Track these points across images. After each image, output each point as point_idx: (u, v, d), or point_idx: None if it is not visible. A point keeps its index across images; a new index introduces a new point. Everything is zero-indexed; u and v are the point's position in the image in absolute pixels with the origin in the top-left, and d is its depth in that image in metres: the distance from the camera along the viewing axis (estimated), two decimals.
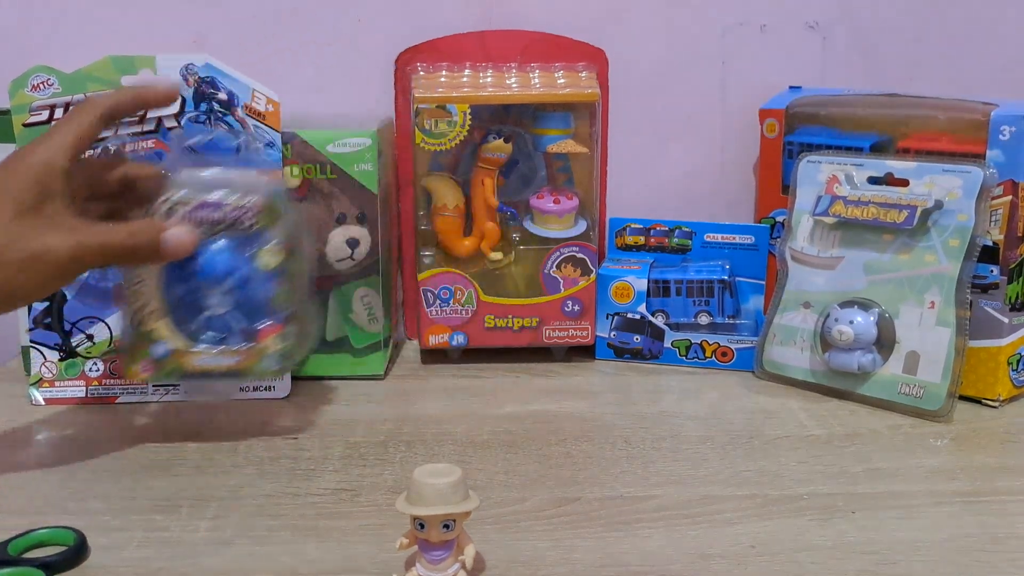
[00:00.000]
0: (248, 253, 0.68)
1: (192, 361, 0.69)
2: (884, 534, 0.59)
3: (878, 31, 0.98)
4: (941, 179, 0.77)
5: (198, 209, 0.67)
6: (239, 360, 0.69)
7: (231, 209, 0.67)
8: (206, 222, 0.67)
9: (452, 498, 0.51)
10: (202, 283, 0.68)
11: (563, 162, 0.89)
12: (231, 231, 0.68)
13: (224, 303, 0.68)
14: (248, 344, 0.69)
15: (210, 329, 0.69)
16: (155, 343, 0.68)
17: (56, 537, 0.58)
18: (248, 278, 0.68)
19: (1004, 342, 0.78)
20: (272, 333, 0.69)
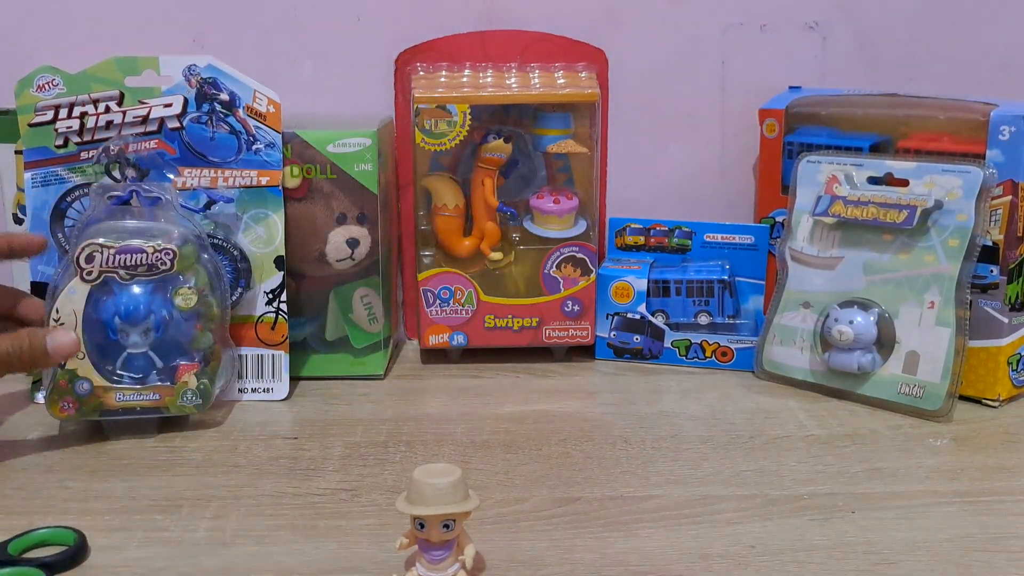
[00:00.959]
0: (166, 295, 0.73)
1: (113, 398, 0.72)
2: (884, 534, 0.60)
3: (878, 31, 0.98)
4: (941, 179, 0.77)
5: (118, 253, 0.71)
6: (159, 397, 0.72)
7: (150, 253, 0.72)
8: (125, 266, 0.71)
9: (452, 498, 0.51)
10: (122, 323, 0.72)
11: (563, 162, 0.89)
12: (149, 275, 0.72)
13: (143, 343, 0.73)
14: (166, 382, 0.73)
15: (130, 368, 0.73)
16: (77, 381, 0.71)
17: (56, 537, 0.58)
18: (165, 319, 0.73)
19: (1004, 342, 0.78)
20: (189, 371, 0.73)
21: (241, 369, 0.81)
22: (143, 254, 0.71)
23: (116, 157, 0.79)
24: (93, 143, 0.79)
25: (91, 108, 0.78)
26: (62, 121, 0.78)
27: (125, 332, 0.72)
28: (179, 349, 0.73)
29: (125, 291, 0.72)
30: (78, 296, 0.71)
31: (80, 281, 0.71)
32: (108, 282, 0.72)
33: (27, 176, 0.79)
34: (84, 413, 0.72)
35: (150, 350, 0.73)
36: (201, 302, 0.73)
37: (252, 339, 0.81)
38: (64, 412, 0.72)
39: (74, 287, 0.71)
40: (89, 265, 0.71)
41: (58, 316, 0.71)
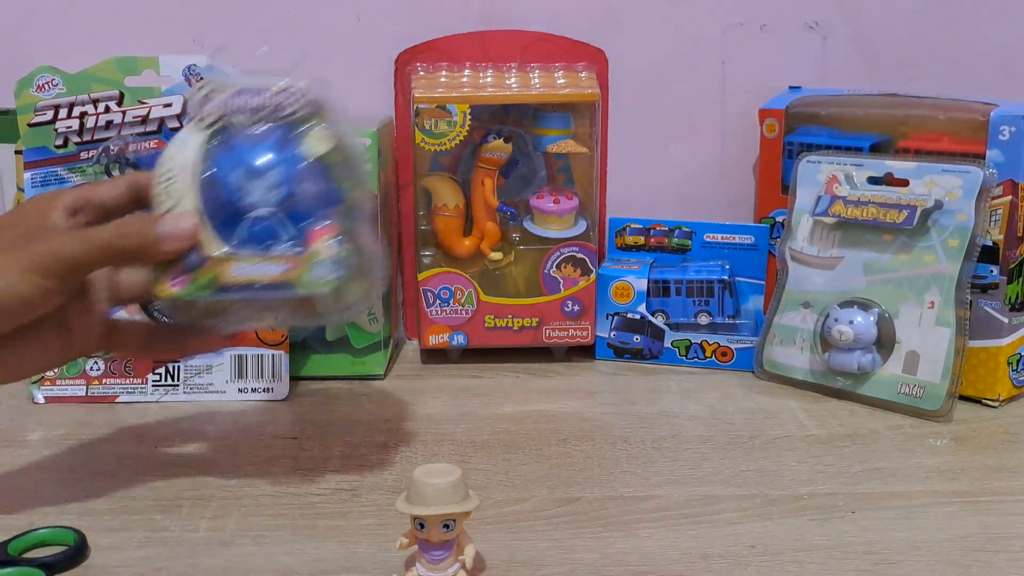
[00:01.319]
0: (293, 141, 0.59)
1: (230, 271, 0.58)
2: (884, 534, 0.60)
3: (878, 31, 0.98)
4: (941, 179, 0.77)
5: (236, 96, 0.59)
6: (286, 268, 0.57)
7: (274, 94, 0.59)
8: (245, 110, 0.59)
9: (452, 498, 0.51)
10: (243, 177, 0.58)
11: (563, 162, 0.89)
12: (273, 118, 0.59)
13: (267, 201, 0.58)
14: (296, 249, 0.58)
15: (251, 235, 0.58)
16: (188, 250, 0.58)
17: (56, 537, 0.58)
18: (294, 170, 0.58)
19: (1004, 342, 0.78)
20: (324, 235, 0.58)
21: (241, 369, 0.81)
22: (267, 94, 0.59)
23: (116, 157, 0.79)
24: (93, 143, 0.79)
25: (91, 108, 0.78)
26: (62, 121, 0.78)
27: (246, 188, 0.58)
28: (311, 208, 0.59)
29: (246, 139, 0.59)
30: (191, 146, 0.59)
31: (194, 127, 0.59)
32: (226, 129, 0.59)
33: (27, 176, 0.79)
34: (196, 288, 0.57)
35: (275, 213, 0.58)
36: (337, 150, 0.59)
37: (252, 339, 0.81)
38: (172, 288, 0.58)
39: (187, 135, 0.59)
40: (205, 108, 0.59)
41: (167, 172, 0.58)
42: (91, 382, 0.80)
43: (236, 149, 0.59)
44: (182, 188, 0.58)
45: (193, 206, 0.58)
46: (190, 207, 0.58)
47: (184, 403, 0.80)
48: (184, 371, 0.80)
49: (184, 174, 0.58)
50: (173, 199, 0.58)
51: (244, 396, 0.81)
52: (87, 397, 0.80)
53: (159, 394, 0.81)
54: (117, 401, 0.80)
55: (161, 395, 0.81)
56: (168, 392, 0.81)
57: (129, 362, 0.80)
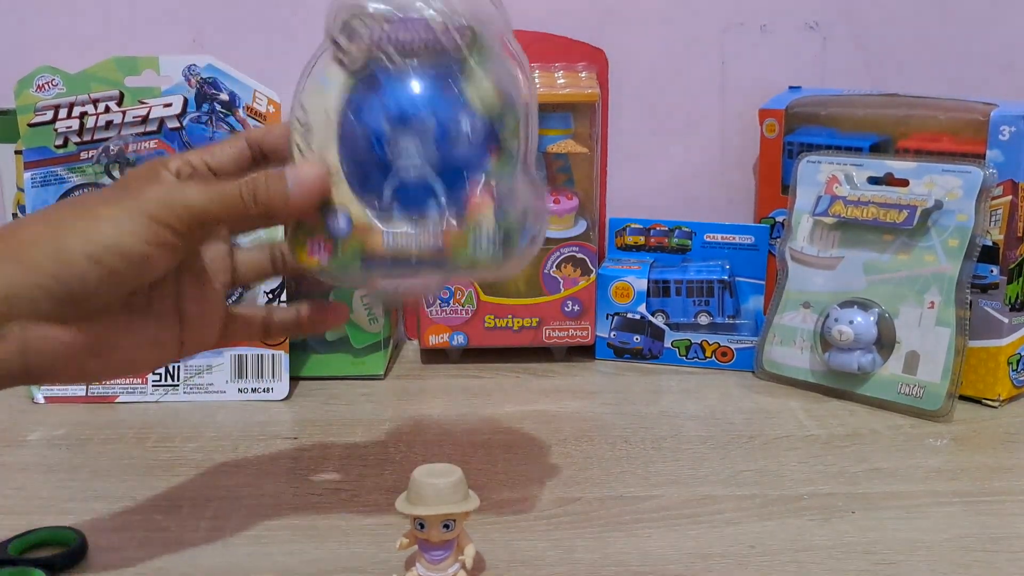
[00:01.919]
0: (453, 84, 0.50)
1: (379, 240, 0.50)
2: (884, 534, 0.60)
3: (878, 31, 0.98)
4: (941, 179, 0.77)
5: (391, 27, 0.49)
6: (442, 241, 0.50)
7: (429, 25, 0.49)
8: (401, 45, 0.49)
9: (452, 498, 0.51)
10: (393, 128, 0.49)
11: (563, 162, 0.89)
12: (431, 59, 0.49)
13: (420, 158, 0.49)
14: (453, 218, 0.50)
15: (402, 197, 0.50)
16: (331, 214, 0.50)
17: (56, 537, 0.58)
18: (453, 120, 0.49)
19: (1004, 342, 0.78)
20: (485, 204, 0.50)
21: (241, 369, 0.81)
22: (427, 29, 0.49)
23: (116, 157, 0.79)
24: (93, 143, 0.79)
25: (91, 108, 0.78)
26: (62, 121, 0.78)
27: (396, 142, 0.49)
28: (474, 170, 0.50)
29: (397, 83, 0.49)
30: (332, 89, 0.50)
31: (337, 68, 0.50)
32: (375, 72, 0.50)
33: (27, 176, 0.79)
34: (341, 261, 0.50)
35: (429, 173, 0.49)
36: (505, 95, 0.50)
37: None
38: (314, 256, 0.50)
39: (327, 76, 0.50)
40: (350, 43, 0.50)
41: (305, 120, 0.50)
42: None
43: (386, 94, 0.49)
44: (321, 139, 0.50)
45: (335, 160, 0.50)
46: (331, 161, 0.50)
47: (184, 403, 0.80)
48: (184, 371, 0.80)
49: (323, 123, 0.50)
50: (312, 154, 0.50)
51: (244, 396, 0.81)
52: (87, 397, 0.80)
53: (159, 394, 0.81)
54: (117, 401, 0.80)
55: (161, 395, 0.81)
56: (168, 392, 0.81)
57: None
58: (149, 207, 0.48)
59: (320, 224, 0.50)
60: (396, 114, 0.49)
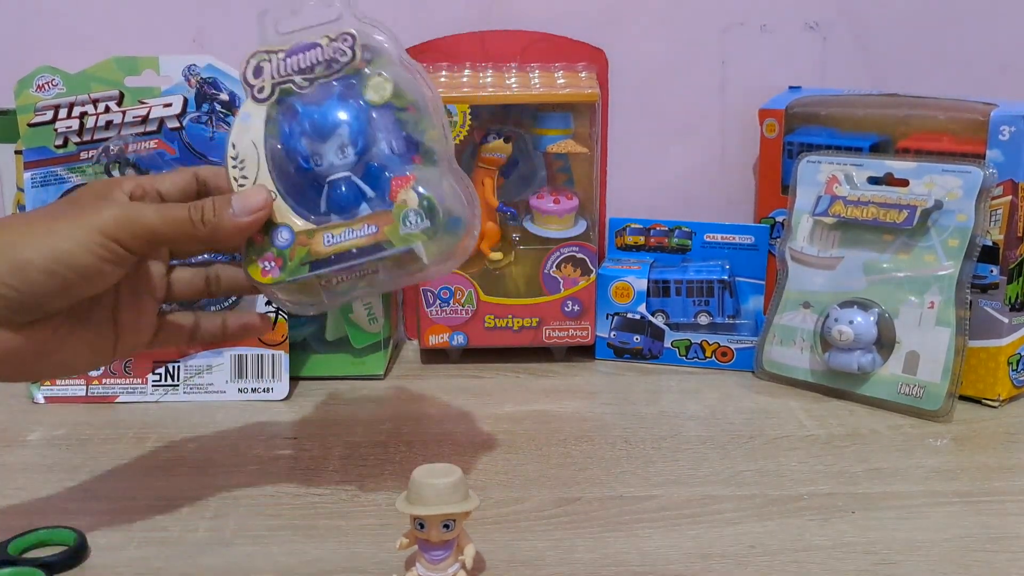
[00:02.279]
0: (355, 92, 0.56)
1: (321, 242, 0.55)
2: (884, 534, 0.60)
3: (878, 31, 0.98)
4: (941, 179, 0.77)
5: (289, 56, 0.56)
6: (375, 229, 0.55)
7: (324, 47, 0.56)
8: (300, 69, 0.56)
9: (452, 498, 0.51)
10: (312, 142, 0.56)
11: (563, 162, 0.89)
12: (328, 74, 0.56)
13: (342, 163, 0.56)
14: (381, 205, 0.55)
15: (334, 202, 0.56)
16: (274, 231, 0.56)
17: (56, 537, 0.58)
18: (362, 124, 0.56)
19: (1004, 342, 0.78)
20: (404, 184, 0.55)
21: (241, 369, 0.81)
22: (318, 49, 0.56)
23: (116, 157, 0.79)
24: (93, 143, 0.79)
25: (91, 108, 0.78)
26: (62, 121, 0.78)
27: (318, 154, 0.56)
28: (390, 164, 0.56)
29: (306, 102, 0.56)
30: (254, 122, 0.56)
31: (252, 102, 0.57)
32: (285, 99, 0.57)
33: (27, 176, 0.79)
34: (292, 270, 0.55)
35: (353, 175, 0.56)
36: (398, 94, 0.56)
37: (252, 339, 0.81)
38: (268, 274, 0.56)
39: (247, 112, 0.57)
40: (258, 79, 0.56)
41: (236, 154, 0.56)
42: (91, 382, 0.80)
43: (299, 115, 0.56)
44: (253, 168, 0.56)
45: (269, 184, 0.55)
46: (267, 184, 0.56)
47: (184, 403, 0.80)
48: (184, 371, 0.80)
49: (252, 153, 0.56)
50: (248, 181, 0.56)
51: (244, 396, 0.81)
52: (87, 397, 0.80)
53: (159, 394, 0.81)
54: (117, 401, 0.80)
55: (161, 395, 0.81)
56: (168, 392, 0.81)
57: (129, 362, 0.80)
58: (105, 224, 0.52)
59: (267, 243, 0.56)
60: (309, 130, 0.56)
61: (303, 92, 0.56)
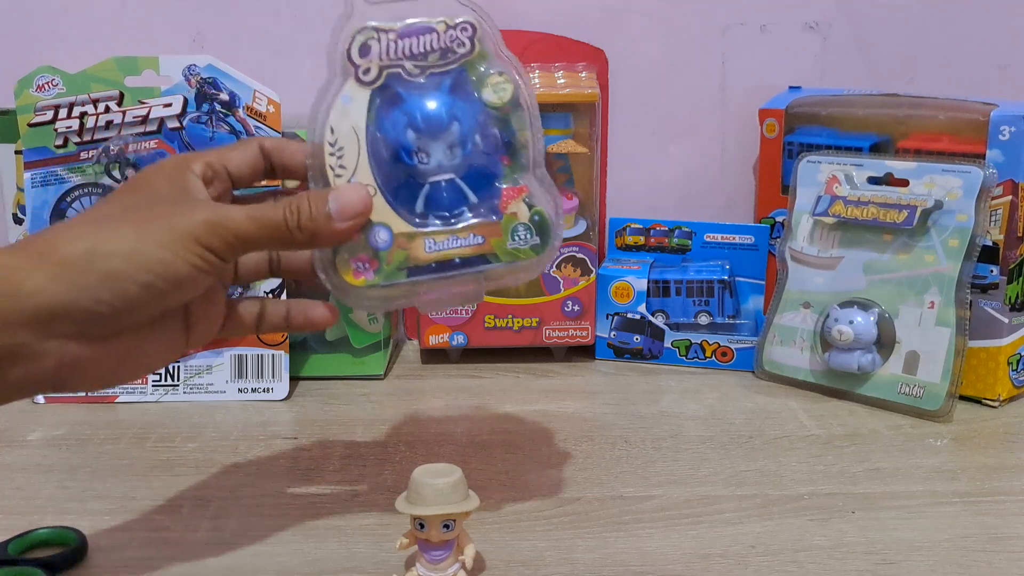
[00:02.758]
0: (471, 88, 0.52)
1: (421, 248, 0.51)
2: (884, 534, 0.60)
3: (878, 31, 0.98)
4: (941, 179, 0.77)
5: (401, 37, 0.51)
6: (481, 240, 0.52)
7: (441, 33, 0.51)
8: (413, 54, 0.51)
9: (452, 498, 0.51)
10: (419, 137, 0.52)
11: (563, 162, 0.89)
12: (442, 64, 0.52)
13: (448, 163, 0.52)
14: (488, 217, 0.52)
15: (437, 204, 0.52)
16: (371, 230, 0.51)
17: (57, 537, 0.58)
18: (475, 123, 0.52)
19: (1004, 342, 0.78)
20: (516, 196, 0.52)
21: (241, 369, 0.81)
22: (433, 34, 0.51)
23: (116, 157, 0.79)
24: (93, 143, 0.79)
25: (91, 108, 0.78)
26: (62, 121, 0.78)
27: (424, 151, 0.51)
28: (498, 168, 0.53)
29: (416, 92, 0.52)
30: (356, 106, 0.51)
31: (356, 84, 0.51)
32: (391, 84, 0.52)
33: (27, 176, 0.79)
34: (389, 273, 0.51)
35: (457, 177, 0.52)
36: (520, 94, 0.52)
37: (252, 339, 0.81)
38: (360, 276, 0.51)
39: (348, 94, 0.51)
40: (365, 59, 0.51)
41: (335, 140, 0.51)
42: None
43: (407, 105, 0.52)
44: (353, 158, 0.51)
45: (368, 177, 0.51)
46: (365, 179, 0.51)
47: (184, 403, 0.80)
48: (184, 371, 0.80)
49: (352, 141, 0.51)
50: (347, 172, 0.51)
51: (244, 396, 0.81)
52: (87, 397, 0.80)
53: (159, 394, 0.81)
54: (117, 401, 0.80)
55: (161, 395, 0.81)
56: (168, 392, 0.81)
57: None
58: (197, 231, 0.47)
59: (362, 242, 0.51)
60: (419, 123, 0.51)
61: (412, 79, 0.52)
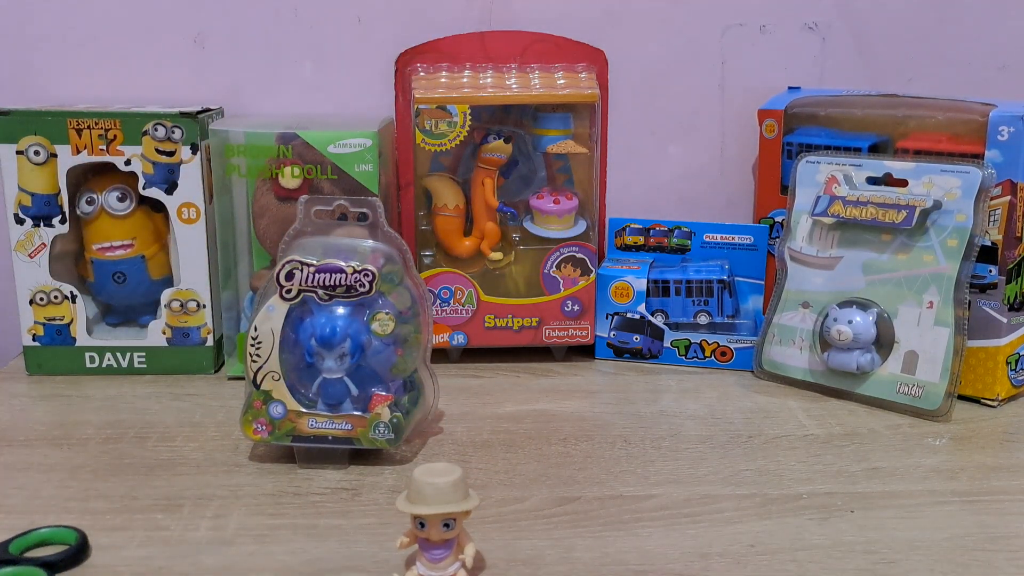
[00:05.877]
0: (364, 319, 0.68)
1: (306, 424, 0.68)
2: (883, 533, 0.60)
3: (877, 31, 0.98)
4: (940, 179, 0.78)
5: (318, 272, 0.68)
6: (351, 427, 0.68)
7: (349, 274, 0.68)
8: (324, 285, 0.68)
9: (452, 497, 0.51)
10: (318, 347, 0.68)
11: (563, 162, 0.89)
12: (348, 296, 0.68)
13: (338, 368, 0.68)
14: (360, 412, 0.68)
15: (325, 394, 0.69)
16: (271, 403, 0.68)
17: (57, 536, 0.58)
18: (363, 344, 0.68)
19: (1003, 342, 0.78)
20: (383, 402, 0.68)
21: None
22: (342, 274, 0.67)
23: None
24: None
25: None
26: None
27: (321, 356, 0.68)
28: (376, 377, 0.69)
29: (323, 312, 0.68)
30: (276, 315, 0.68)
31: (279, 299, 0.68)
32: (307, 301, 0.68)
33: None
34: (277, 437, 0.68)
35: (346, 376, 0.68)
36: (400, 328, 0.69)
37: None
38: (257, 434, 0.68)
39: (273, 305, 0.68)
40: (289, 283, 0.68)
41: (256, 336, 0.68)
42: None
43: (315, 320, 0.68)
44: (267, 350, 0.68)
45: (276, 366, 0.68)
46: (274, 368, 0.68)
47: (184, 403, 0.80)
48: None
49: (268, 339, 0.68)
50: (261, 359, 0.68)
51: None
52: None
53: None
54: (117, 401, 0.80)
55: None
56: None
57: None
58: None
59: (263, 410, 0.68)
60: (320, 336, 0.68)
61: (322, 303, 0.68)
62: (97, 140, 0.81)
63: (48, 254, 0.83)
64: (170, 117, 0.82)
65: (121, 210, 0.84)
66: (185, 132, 0.82)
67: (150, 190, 0.83)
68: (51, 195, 0.82)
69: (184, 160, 0.82)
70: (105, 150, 0.82)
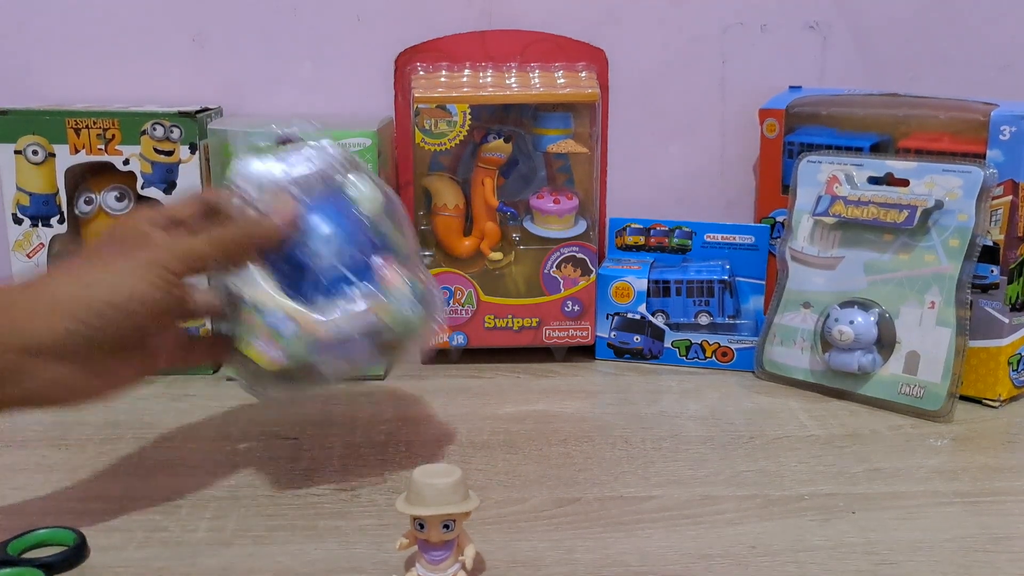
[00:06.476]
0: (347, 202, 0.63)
1: (321, 327, 0.60)
2: (884, 534, 0.60)
3: (878, 31, 0.98)
4: (941, 179, 0.77)
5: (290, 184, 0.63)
6: (371, 313, 0.60)
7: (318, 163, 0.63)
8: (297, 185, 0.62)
9: (452, 498, 0.51)
10: (303, 239, 0.61)
11: (563, 162, 0.89)
12: (324, 187, 0.63)
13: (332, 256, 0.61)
14: (369, 288, 0.61)
15: (328, 291, 0.61)
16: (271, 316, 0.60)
17: (56, 537, 0.58)
18: (349, 225, 0.62)
19: (1004, 342, 0.78)
20: (397, 276, 0.62)
21: None
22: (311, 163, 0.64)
23: None
24: None
25: None
26: None
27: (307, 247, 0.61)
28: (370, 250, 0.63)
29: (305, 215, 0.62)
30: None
31: None
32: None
33: None
34: (295, 352, 0.60)
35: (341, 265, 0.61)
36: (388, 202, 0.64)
37: None
38: (266, 354, 0.59)
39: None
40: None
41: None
42: None
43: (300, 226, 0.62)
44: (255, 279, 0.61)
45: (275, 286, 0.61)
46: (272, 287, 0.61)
47: (184, 403, 0.80)
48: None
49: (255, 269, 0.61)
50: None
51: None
52: None
53: None
54: None
55: None
56: None
57: None
58: (161, 258, 0.57)
59: (260, 326, 0.60)
60: (303, 228, 0.61)
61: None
62: (95, 140, 0.81)
63: (46, 254, 0.83)
64: (169, 116, 0.82)
65: (120, 210, 0.84)
66: (184, 132, 0.82)
67: (149, 190, 0.83)
68: (49, 195, 0.82)
69: (183, 160, 0.82)
70: (103, 150, 0.82)
